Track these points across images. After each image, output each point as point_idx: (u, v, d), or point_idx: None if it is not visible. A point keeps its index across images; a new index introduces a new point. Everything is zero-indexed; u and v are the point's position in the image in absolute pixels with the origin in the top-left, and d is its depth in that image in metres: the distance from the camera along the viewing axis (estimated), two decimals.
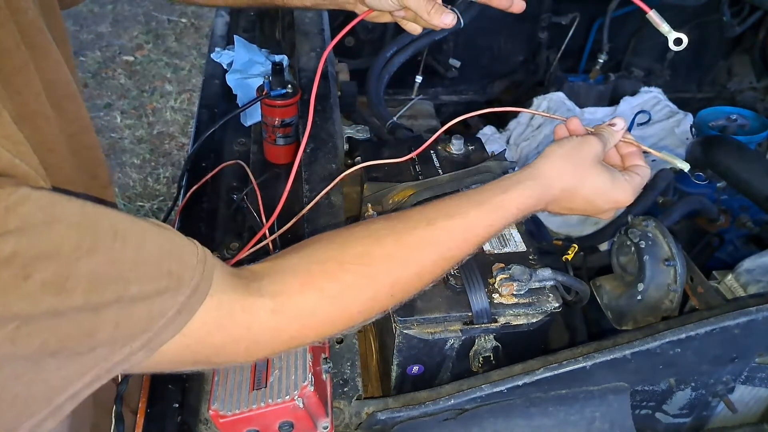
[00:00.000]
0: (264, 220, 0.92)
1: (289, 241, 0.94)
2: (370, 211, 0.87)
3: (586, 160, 0.68)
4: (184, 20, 4.07)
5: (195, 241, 0.51)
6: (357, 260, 0.58)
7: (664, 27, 0.74)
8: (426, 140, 1.03)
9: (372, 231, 0.61)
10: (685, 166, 0.73)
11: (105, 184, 0.72)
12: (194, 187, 1.06)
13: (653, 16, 0.74)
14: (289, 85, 1.09)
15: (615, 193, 0.68)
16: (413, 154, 0.96)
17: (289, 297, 0.54)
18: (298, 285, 0.55)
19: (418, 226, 0.61)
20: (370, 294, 0.58)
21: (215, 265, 0.51)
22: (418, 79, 1.90)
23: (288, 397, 0.61)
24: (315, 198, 0.93)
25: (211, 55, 1.45)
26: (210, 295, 0.49)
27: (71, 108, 0.64)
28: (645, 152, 0.74)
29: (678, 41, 0.73)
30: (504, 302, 0.75)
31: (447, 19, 0.77)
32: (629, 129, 1.64)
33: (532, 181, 0.66)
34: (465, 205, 0.63)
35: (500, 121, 1.95)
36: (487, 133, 1.84)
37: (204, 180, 1.08)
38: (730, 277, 0.94)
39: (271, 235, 0.88)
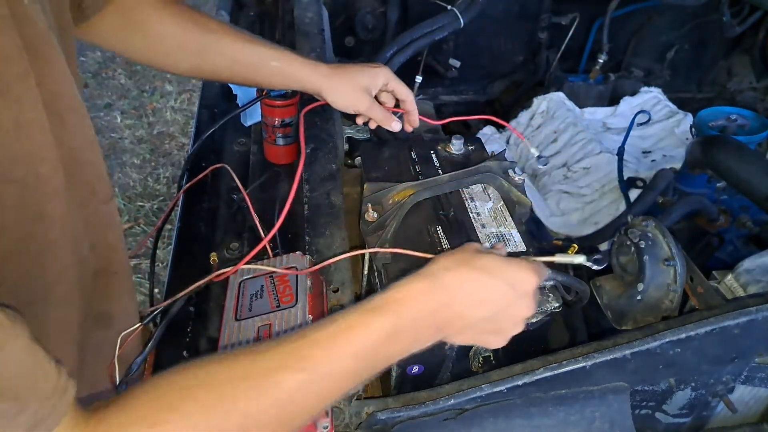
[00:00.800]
0: (259, 225, 0.92)
1: (289, 242, 0.94)
2: (370, 211, 0.87)
3: (471, 250, 0.62)
4: None
5: (63, 369, 0.46)
6: (199, 385, 0.49)
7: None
8: (426, 140, 1.03)
9: (230, 354, 0.53)
10: (581, 259, 0.69)
11: (105, 200, 0.71)
12: (184, 188, 1.06)
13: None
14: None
15: (514, 267, 0.60)
16: None
17: None
18: (133, 421, 0.47)
19: (283, 341, 0.52)
20: (214, 426, 0.48)
21: (69, 405, 0.45)
22: (418, 79, 1.90)
23: None
24: (315, 198, 0.93)
25: None
26: None
27: (73, 121, 0.64)
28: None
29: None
30: None
31: (396, 126, 0.99)
32: (629, 129, 1.65)
33: (414, 276, 0.58)
34: (338, 316, 0.55)
35: None
36: (487, 133, 1.85)
37: (194, 181, 1.07)
38: (729, 277, 0.94)
39: (271, 240, 0.87)
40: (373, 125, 1.02)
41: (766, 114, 1.57)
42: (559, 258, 0.71)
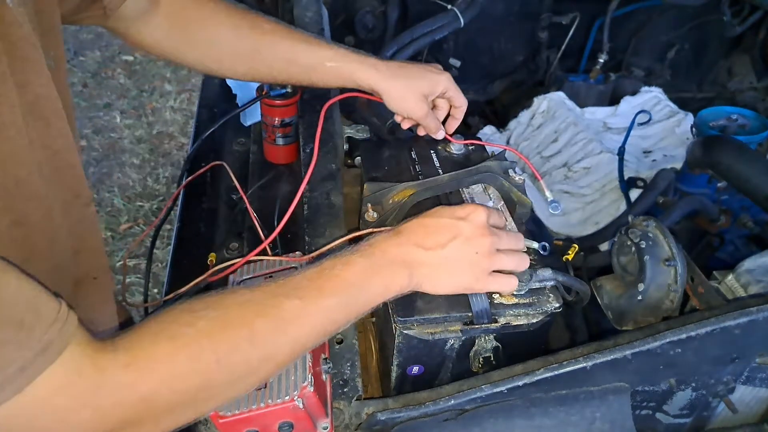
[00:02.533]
0: (258, 226, 0.92)
1: (289, 242, 0.94)
2: (370, 211, 0.87)
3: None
4: None
5: (63, 300, 0.49)
6: (208, 306, 0.55)
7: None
8: (426, 140, 1.03)
9: (228, 289, 0.59)
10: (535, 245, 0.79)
11: (87, 203, 0.71)
12: (183, 184, 1.06)
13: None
14: (289, 85, 1.09)
15: (458, 206, 0.70)
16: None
17: (142, 349, 0.50)
18: (151, 336, 0.51)
19: (277, 278, 0.60)
20: (227, 340, 0.54)
21: (76, 329, 0.48)
22: None
23: (288, 397, 0.61)
24: (315, 198, 0.93)
25: None
26: (62, 357, 0.46)
27: (57, 124, 0.63)
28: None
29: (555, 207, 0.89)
30: (504, 302, 0.75)
31: (440, 135, 0.97)
32: (629, 129, 1.65)
33: (382, 231, 0.68)
34: (323, 259, 0.63)
35: (500, 121, 1.95)
36: (487, 133, 1.84)
37: (194, 176, 1.07)
38: (730, 277, 0.94)
39: (273, 240, 0.87)
40: (421, 132, 1.00)
41: (767, 114, 1.56)
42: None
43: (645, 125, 1.74)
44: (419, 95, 0.92)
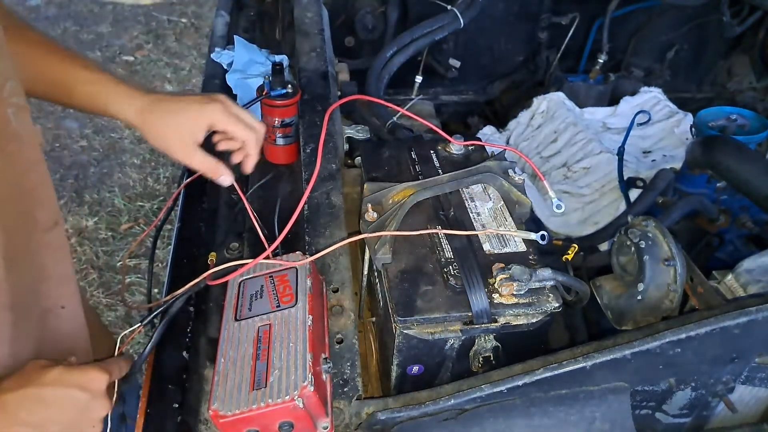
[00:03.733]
0: (257, 225, 0.92)
1: (289, 242, 0.94)
2: (370, 211, 0.87)
3: (36, 366, 0.59)
4: (184, 20, 4.07)
5: None
6: None
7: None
8: (426, 140, 1.03)
9: None
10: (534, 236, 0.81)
11: (47, 228, 0.66)
12: (185, 184, 1.06)
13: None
14: (289, 85, 1.09)
15: (75, 374, 0.59)
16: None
17: None
18: None
19: None
20: None
21: None
22: (418, 79, 1.91)
23: (288, 397, 0.61)
24: (315, 198, 0.93)
25: (211, 55, 1.45)
26: None
27: (13, 148, 0.59)
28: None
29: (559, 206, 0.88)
30: (504, 302, 0.75)
31: (225, 181, 0.83)
32: (629, 129, 1.65)
33: None
34: None
35: (500, 122, 1.95)
36: (487, 133, 1.84)
37: (190, 180, 1.06)
38: (729, 277, 0.94)
39: (273, 240, 0.87)
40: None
41: (766, 114, 1.56)
42: (521, 233, 0.84)
43: (644, 125, 1.74)
44: (181, 134, 0.78)
